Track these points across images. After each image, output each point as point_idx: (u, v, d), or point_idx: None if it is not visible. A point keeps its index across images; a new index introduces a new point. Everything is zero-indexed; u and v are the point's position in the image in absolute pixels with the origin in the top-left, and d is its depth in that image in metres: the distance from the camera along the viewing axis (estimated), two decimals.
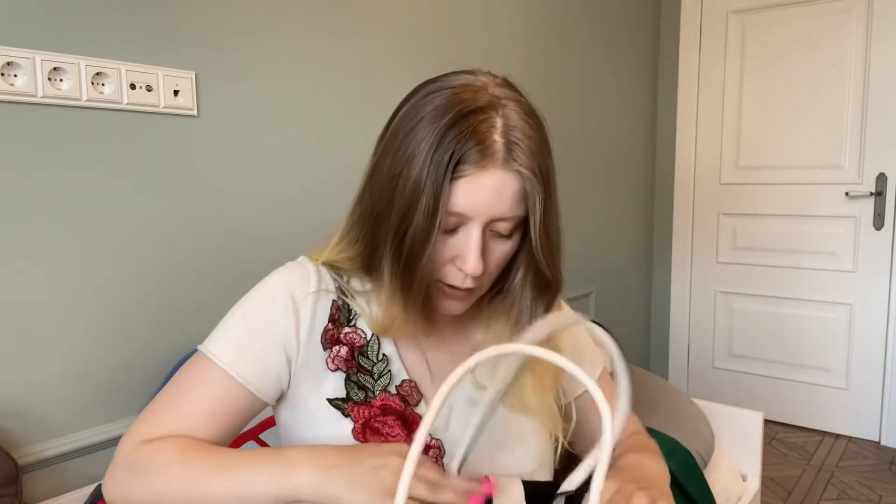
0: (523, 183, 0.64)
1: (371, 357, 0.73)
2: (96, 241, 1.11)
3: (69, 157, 1.07)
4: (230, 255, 1.31)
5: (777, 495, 2.18)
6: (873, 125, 2.50)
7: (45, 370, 1.06)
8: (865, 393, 2.60)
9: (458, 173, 0.62)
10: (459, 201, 0.63)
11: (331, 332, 0.72)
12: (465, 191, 0.63)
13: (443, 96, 0.64)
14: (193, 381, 0.69)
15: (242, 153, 1.32)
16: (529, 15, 2.11)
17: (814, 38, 2.59)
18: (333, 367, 0.71)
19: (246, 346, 0.69)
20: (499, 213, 0.64)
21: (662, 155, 2.97)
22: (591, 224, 2.53)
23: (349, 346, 0.72)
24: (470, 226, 0.65)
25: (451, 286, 0.68)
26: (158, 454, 0.64)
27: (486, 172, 0.63)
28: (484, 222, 0.65)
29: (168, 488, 0.62)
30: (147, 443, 0.65)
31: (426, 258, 0.64)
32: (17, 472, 0.98)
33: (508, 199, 0.64)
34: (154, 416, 0.68)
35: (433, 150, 0.62)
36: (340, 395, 0.71)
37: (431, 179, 0.62)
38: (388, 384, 0.72)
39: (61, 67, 1.04)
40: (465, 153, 0.62)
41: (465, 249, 0.65)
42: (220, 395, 0.68)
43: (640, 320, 3.01)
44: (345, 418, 0.70)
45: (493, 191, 0.63)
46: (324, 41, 1.46)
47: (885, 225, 2.51)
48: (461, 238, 0.66)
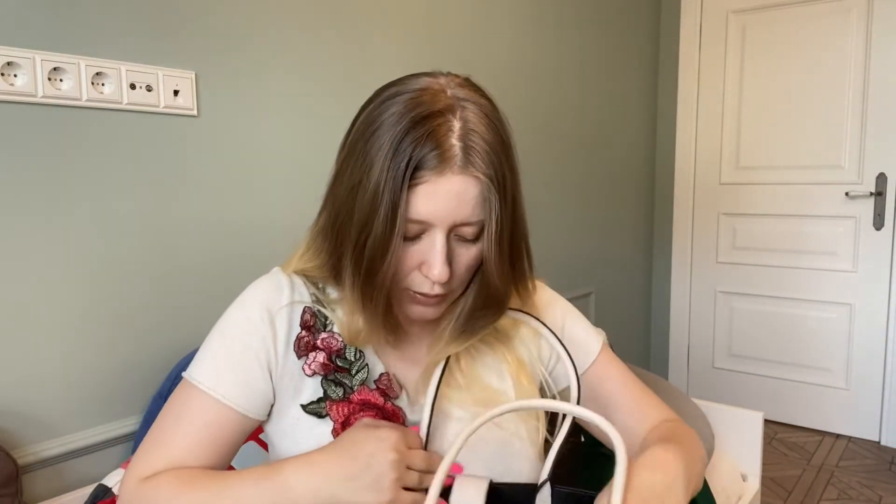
0: (482, 188, 0.63)
1: (349, 357, 0.73)
2: (96, 240, 1.11)
3: (69, 157, 1.07)
4: (230, 254, 1.31)
5: (777, 495, 2.18)
6: (873, 125, 2.50)
7: (45, 370, 1.06)
8: (865, 393, 2.60)
9: (416, 180, 0.61)
10: (419, 208, 0.62)
11: (305, 339, 0.72)
12: (425, 197, 0.61)
13: (400, 101, 0.63)
14: (182, 411, 0.69)
15: (242, 153, 1.32)
16: (529, 15, 2.11)
17: (814, 38, 2.59)
18: (310, 372, 0.71)
19: (228, 367, 0.69)
20: (461, 218, 0.63)
21: (662, 155, 2.98)
22: (591, 224, 2.53)
23: (326, 350, 0.72)
24: (433, 232, 0.64)
25: (420, 294, 0.67)
26: (154, 492, 0.64)
27: (443, 178, 0.61)
28: (447, 228, 0.63)
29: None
30: (145, 481, 0.66)
31: (386, 268, 0.63)
32: (17, 472, 0.98)
33: (469, 205, 0.63)
34: (149, 452, 0.68)
35: (390, 156, 0.61)
36: (318, 396, 0.71)
37: (389, 187, 0.61)
38: (367, 378, 0.72)
39: (61, 67, 1.04)
40: (423, 159, 0.61)
41: (429, 256, 0.64)
42: (210, 422, 0.68)
43: (640, 320, 3.00)
44: (322, 420, 0.70)
45: (453, 196, 0.62)
46: (324, 41, 1.46)
47: (885, 225, 2.51)
48: (425, 245, 0.64)
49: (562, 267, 2.37)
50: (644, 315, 3.04)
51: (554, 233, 2.30)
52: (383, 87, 0.68)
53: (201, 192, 1.26)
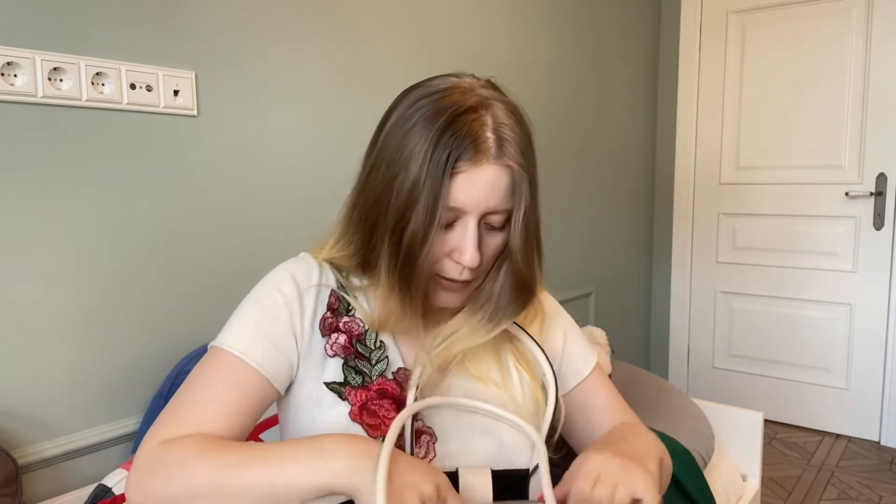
0: (513, 176, 0.68)
1: (369, 345, 0.75)
2: (96, 240, 1.11)
3: (69, 157, 1.07)
4: (230, 254, 1.31)
5: (777, 495, 2.18)
6: (873, 125, 2.50)
7: (45, 370, 1.06)
8: (865, 393, 2.60)
9: (456, 170, 0.66)
10: (457, 196, 0.66)
11: (329, 321, 0.74)
12: (462, 186, 0.66)
13: (433, 100, 0.68)
14: (210, 375, 0.69)
15: (242, 153, 1.32)
16: (529, 15, 2.11)
17: (814, 38, 2.59)
18: (332, 353, 0.73)
19: (259, 334, 0.71)
20: (492, 205, 0.68)
21: (662, 155, 2.98)
22: (591, 224, 2.53)
23: (347, 334, 0.75)
24: (466, 219, 0.68)
25: (448, 279, 0.71)
26: (180, 451, 0.63)
27: (480, 168, 0.66)
28: (479, 216, 0.68)
29: (195, 482, 0.61)
30: (168, 442, 0.64)
31: (425, 254, 0.67)
32: (17, 472, 0.98)
33: (501, 193, 0.68)
34: (172, 415, 0.67)
35: (431, 150, 0.66)
36: (338, 380, 0.73)
37: (431, 177, 0.65)
38: (385, 370, 0.75)
39: (61, 67, 1.04)
40: (462, 151, 0.66)
41: (462, 243, 0.68)
42: (238, 384, 0.68)
43: (640, 320, 3.00)
44: (342, 402, 0.72)
45: (488, 185, 0.67)
46: (324, 41, 1.46)
47: (885, 225, 2.51)
48: (458, 232, 0.69)
49: (562, 267, 2.37)
50: (644, 315, 3.04)
51: (554, 233, 2.30)
52: (410, 87, 0.72)
53: (201, 192, 1.26)
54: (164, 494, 0.61)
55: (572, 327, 0.88)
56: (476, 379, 0.77)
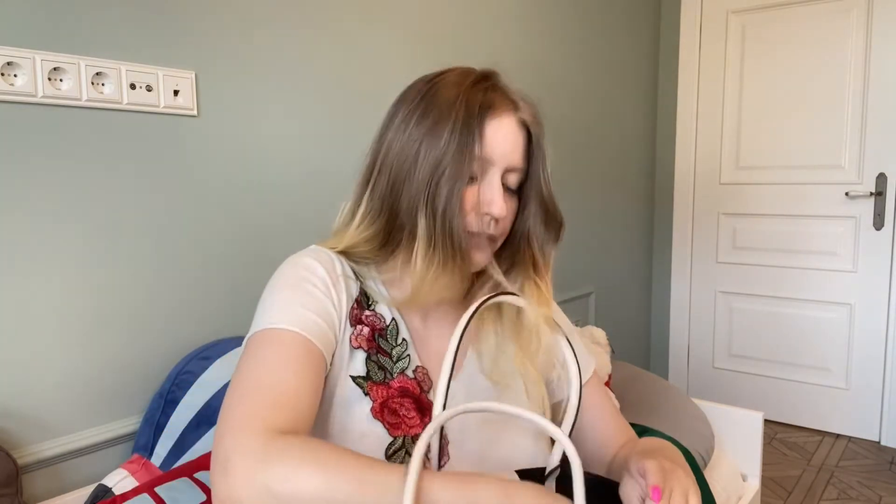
0: (530, 132, 0.75)
1: (391, 340, 0.75)
2: (96, 240, 1.11)
3: (69, 157, 1.07)
4: (230, 254, 1.31)
5: (777, 495, 2.18)
6: (873, 125, 2.50)
7: (45, 370, 1.06)
8: (865, 393, 2.60)
9: (485, 118, 0.71)
10: (488, 143, 0.71)
11: (355, 312, 0.75)
12: (492, 134, 0.71)
13: (453, 74, 0.75)
14: (278, 354, 0.63)
15: (242, 153, 1.32)
16: (529, 15, 2.11)
17: (814, 38, 2.59)
18: (356, 345, 0.73)
19: (305, 309, 0.68)
20: (513, 161, 0.73)
21: (662, 155, 2.98)
22: (591, 224, 2.53)
23: (371, 327, 0.75)
24: (491, 173, 0.72)
25: (474, 234, 0.72)
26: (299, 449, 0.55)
27: (505, 119, 0.72)
28: (502, 170, 0.72)
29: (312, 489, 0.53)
30: (279, 436, 0.57)
31: (461, 207, 0.70)
32: (17, 472, 0.98)
33: (520, 149, 0.74)
34: (261, 399, 0.60)
35: (464, 100, 0.71)
36: (362, 374, 0.73)
37: (464, 120, 0.69)
38: (406, 367, 0.75)
39: (61, 67, 1.04)
40: (490, 103, 0.72)
41: (488, 194, 0.71)
42: (306, 360, 0.64)
43: (640, 320, 3.00)
44: (364, 397, 0.71)
45: (512, 136, 0.72)
46: (324, 41, 1.46)
47: (885, 225, 2.51)
48: (483, 186, 0.72)
49: (562, 267, 2.37)
50: (644, 315, 3.04)
51: None
52: (419, 79, 0.78)
53: (201, 192, 1.26)
54: (281, 492, 0.53)
55: (573, 333, 0.88)
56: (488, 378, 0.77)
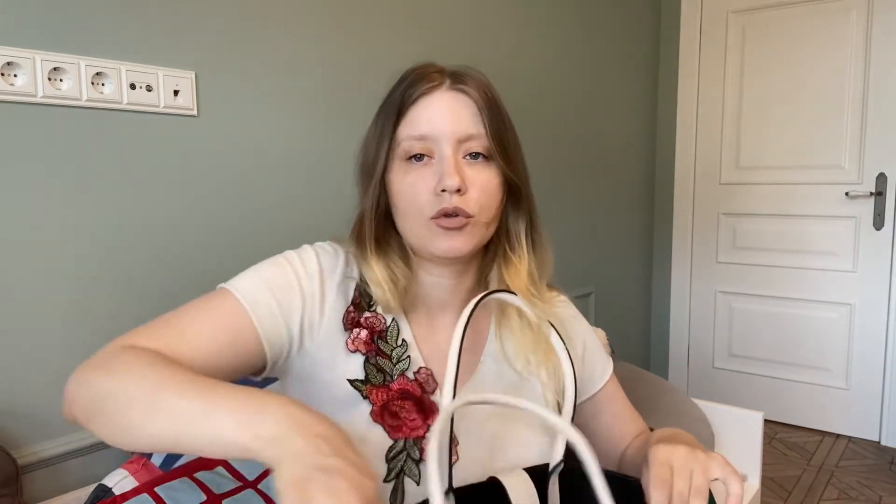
0: (475, 102, 0.71)
1: (390, 342, 0.74)
2: (96, 240, 1.11)
3: (69, 157, 1.07)
4: (230, 255, 1.31)
5: (777, 495, 2.18)
6: (873, 125, 2.50)
7: (45, 370, 1.06)
8: (865, 393, 2.60)
9: (410, 101, 0.71)
10: (417, 122, 0.70)
11: (352, 315, 0.73)
12: (419, 112, 0.70)
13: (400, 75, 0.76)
14: (207, 309, 0.68)
15: (242, 153, 1.32)
16: (528, 15, 2.11)
17: (814, 38, 2.59)
18: (353, 348, 0.72)
19: (269, 292, 0.69)
20: (461, 130, 0.70)
21: (662, 155, 2.97)
22: (591, 224, 2.53)
23: (369, 329, 0.74)
24: (440, 148, 0.70)
25: (444, 217, 0.69)
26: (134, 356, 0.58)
27: (434, 95, 0.71)
28: (451, 142, 0.69)
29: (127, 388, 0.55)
30: (129, 348, 0.61)
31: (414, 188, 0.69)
32: (17, 472, 0.98)
33: (466, 116, 0.70)
34: (151, 328, 0.65)
35: (387, 97, 0.74)
36: (360, 377, 0.72)
37: (386, 115, 0.72)
38: (407, 369, 0.73)
39: (61, 67, 1.04)
40: (415, 88, 0.71)
41: (441, 168, 0.69)
42: (230, 329, 0.66)
43: (640, 320, 3.00)
44: (363, 400, 0.71)
45: (447, 108, 0.70)
46: (324, 41, 1.46)
47: (885, 225, 2.51)
48: (436, 162, 0.70)
49: (562, 267, 2.36)
50: (644, 315, 3.04)
51: (554, 233, 2.29)
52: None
53: (201, 192, 1.25)
54: (95, 391, 0.56)
55: (590, 335, 0.89)
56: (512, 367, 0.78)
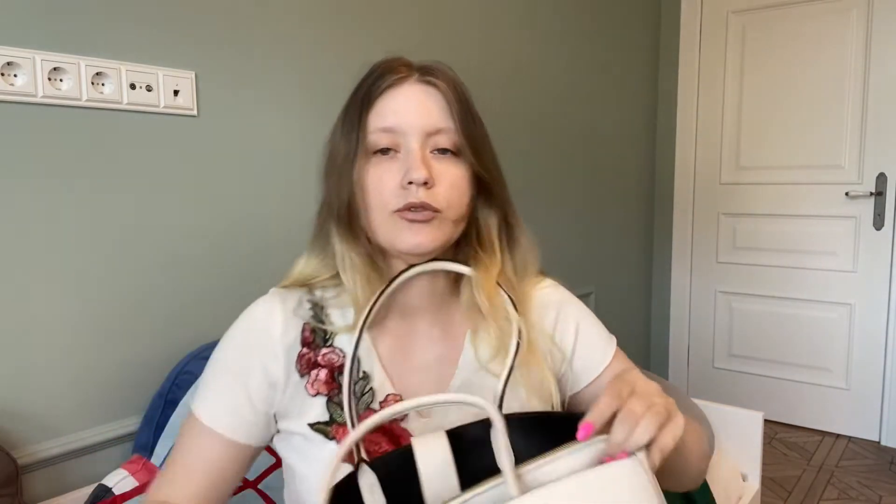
0: (444, 96, 0.68)
1: (352, 376, 0.70)
2: (96, 240, 1.11)
3: (69, 157, 1.07)
4: (230, 255, 1.31)
5: (777, 495, 2.18)
6: (873, 125, 2.50)
7: (45, 370, 1.06)
8: (865, 393, 2.60)
9: (377, 93, 0.68)
10: (384, 114, 0.67)
11: (306, 357, 0.71)
12: (385, 105, 0.68)
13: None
14: (186, 447, 0.71)
15: (242, 153, 1.32)
16: (528, 15, 2.11)
17: (814, 38, 2.59)
18: (314, 391, 0.70)
19: (225, 398, 0.70)
20: (429, 124, 0.67)
21: (662, 155, 2.97)
22: (591, 224, 2.53)
23: (328, 367, 0.70)
24: (407, 140, 0.67)
25: (410, 210, 0.66)
26: None
27: (403, 86, 0.69)
28: (419, 136, 0.67)
29: None
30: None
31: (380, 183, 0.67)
32: (17, 472, 0.98)
33: (434, 110, 0.68)
34: (160, 480, 0.71)
35: (354, 90, 0.71)
36: (323, 419, 0.69)
37: (353, 111, 0.69)
38: (372, 402, 0.70)
39: (61, 67, 1.04)
40: (383, 80, 0.69)
41: (407, 161, 0.66)
42: (208, 456, 0.69)
43: (640, 320, 3.00)
44: (329, 441, 0.68)
45: (414, 102, 0.68)
46: (324, 41, 1.46)
47: (885, 225, 2.51)
48: (403, 156, 0.67)
49: (562, 267, 2.36)
50: (644, 315, 3.04)
51: (554, 233, 2.30)
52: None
53: (201, 192, 1.25)
54: None
55: (586, 318, 0.83)
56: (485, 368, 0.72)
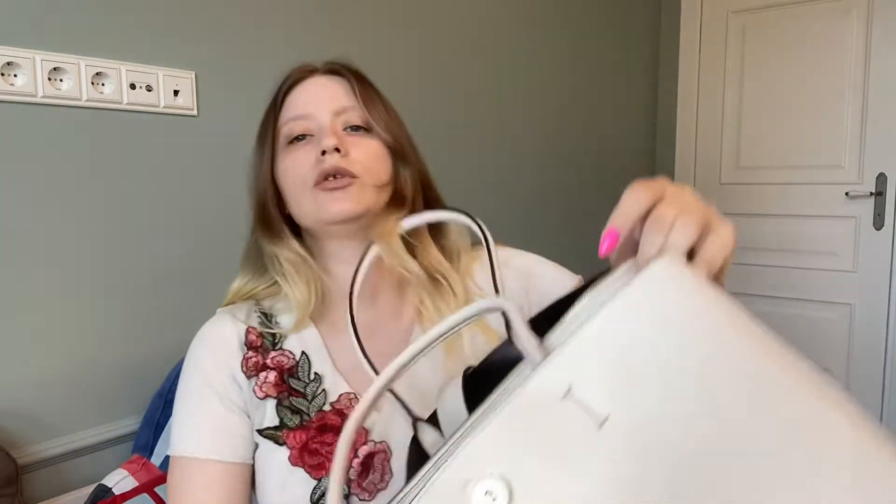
0: (348, 80, 0.74)
1: (303, 378, 0.70)
2: (96, 240, 1.11)
3: (69, 157, 1.07)
4: (230, 255, 1.31)
5: None
6: (873, 125, 2.50)
7: (45, 370, 1.06)
8: (865, 393, 2.60)
9: (285, 91, 0.74)
10: (294, 105, 0.72)
11: (253, 360, 0.70)
12: (295, 98, 0.73)
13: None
14: (179, 491, 0.67)
15: (242, 153, 1.32)
16: (528, 15, 2.11)
17: (814, 37, 2.59)
18: (262, 394, 0.69)
19: (203, 420, 0.68)
20: (337, 103, 0.72)
21: (662, 155, 2.97)
22: (591, 224, 2.53)
23: (277, 369, 0.70)
24: (318, 121, 0.71)
25: (327, 178, 0.68)
26: None
27: (309, 80, 0.74)
28: (329, 114, 0.71)
29: None
30: None
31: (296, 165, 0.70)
32: (17, 472, 0.98)
33: (341, 93, 0.72)
34: None
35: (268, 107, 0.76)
36: (273, 424, 0.68)
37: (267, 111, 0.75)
38: (324, 403, 0.69)
39: (61, 67, 1.04)
40: (288, 81, 0.75)
41: (319, 137, 0.69)
42: (207, 485, 0.66)
43: None
44: (279, 447, 0.67)
45: (321, 88, 0.73)
46: (324, 41, 1.46)
47: (885, 225, 2.51)
48: (315, 136, 0.71)
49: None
50: None
51: (554, 232, 2.30)
52: None
53: (201, 192, 1.26)
54: None
55: (539, 262, 0.82)
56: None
